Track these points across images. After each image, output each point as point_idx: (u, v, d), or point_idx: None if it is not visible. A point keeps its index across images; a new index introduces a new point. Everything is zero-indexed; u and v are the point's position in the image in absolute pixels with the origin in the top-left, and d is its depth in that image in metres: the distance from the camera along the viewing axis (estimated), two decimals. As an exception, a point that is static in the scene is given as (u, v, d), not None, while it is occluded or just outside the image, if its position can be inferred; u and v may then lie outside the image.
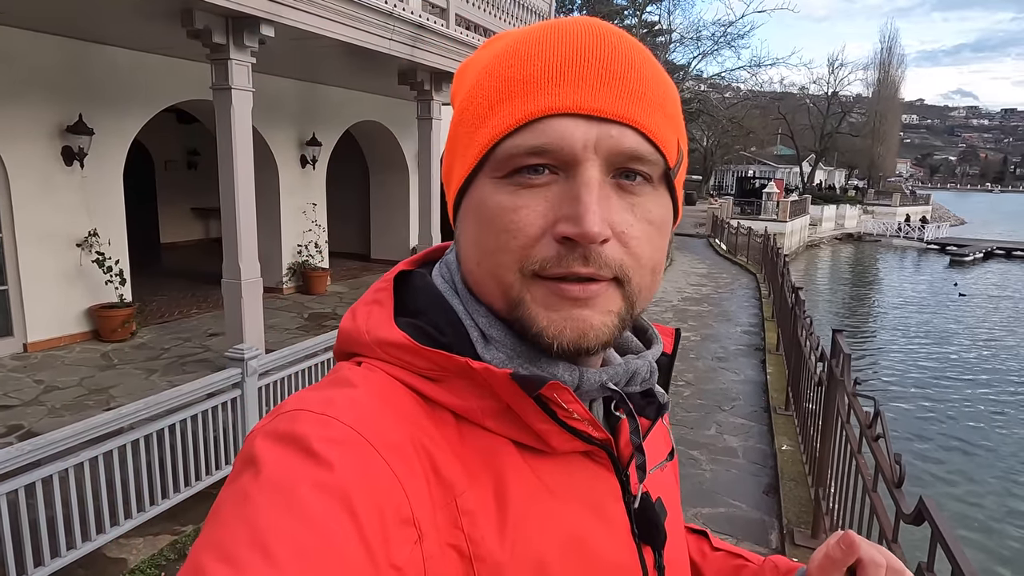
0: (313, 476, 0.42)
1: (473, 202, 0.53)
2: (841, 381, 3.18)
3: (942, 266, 30.34)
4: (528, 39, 0.52)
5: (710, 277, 15.51)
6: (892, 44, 56.21)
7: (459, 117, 0.55)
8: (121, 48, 7.11)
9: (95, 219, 7.03)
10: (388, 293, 0.58)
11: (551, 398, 0.50)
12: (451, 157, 0.56)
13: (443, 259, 0.61)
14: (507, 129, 0.49)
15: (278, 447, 0.44)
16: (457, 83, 0.59)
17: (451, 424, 0.51)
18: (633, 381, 0.57)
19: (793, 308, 6.13)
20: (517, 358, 0.53)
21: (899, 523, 1.96)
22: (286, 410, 0.47)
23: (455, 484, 0.48)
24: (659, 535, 0.59)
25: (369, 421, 0.46)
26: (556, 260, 0.49)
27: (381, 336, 0.53)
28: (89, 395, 5.55)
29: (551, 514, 0.52)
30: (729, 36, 22.41)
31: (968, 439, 9.76)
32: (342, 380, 0.51)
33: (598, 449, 0.55)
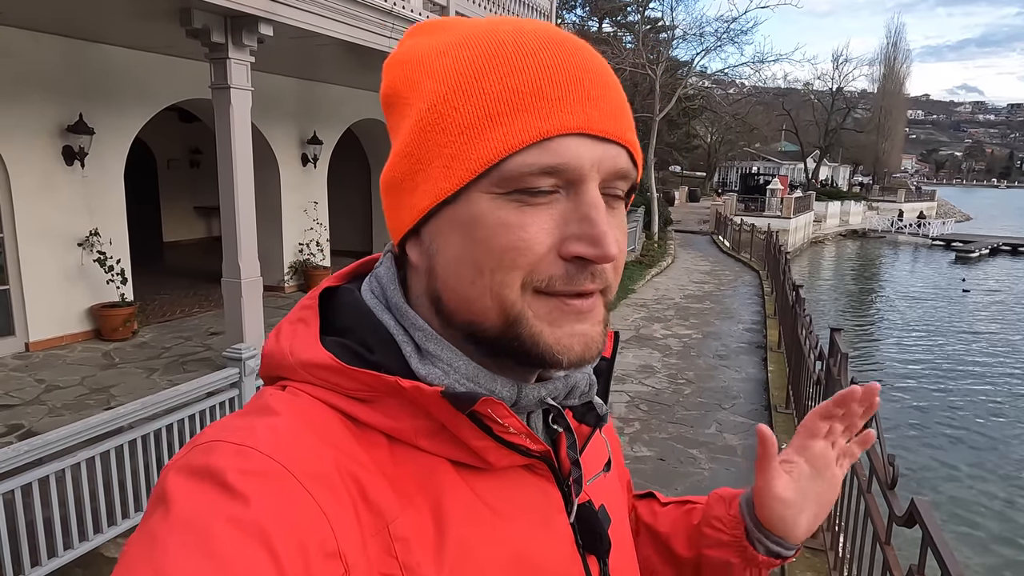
0: (227, 512, 0.40)
1: (464, 218, 0.49)
2: (838, 380, 3.17)
3: (947, 262, 30.20)
4: (517, 44, 0.49)
5: (713, 274, 15.47)
6: (897, 39, 55.97)
7: (433, 121, 0.50)
8: (121, 47, 7.12)
9: (96, 218, 7.05)
10: (313, 311, 0.55)
11: (486, 414, 0.49)
12: (416, 164, 0.51)
13: (373, 273, 0.58)
14: (518, 146, 0.47)
15: (190, 482, 0.42)
16: (399, 76, 0.54)
17: (383, 447, 0.49)
18: (572, 394, 0.56)
19: (794, 306, 6.11)
20: (455, 373, 0.51)
21: (891, 525, 1.95)
22: (202, 441, 0.45)
23: (387, 510, 0.47)
24: (603, 543, 0.59)
25: (291, 450, 0.44)
26: (565, 278, 0.49)
27: (305, 358, 0.51)
28: (90, 394, 5.57)
29: (493, 532, 0.51)
30: (732, 32, 22.31)
31: (974, 436, 9.72)
32: (263, 407, 0.48)
33: (538, 462, 0.54)
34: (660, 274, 14.98)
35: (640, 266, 15.17)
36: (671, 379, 7.14)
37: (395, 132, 0.54)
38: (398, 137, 0.53)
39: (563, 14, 31.62)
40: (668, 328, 9.64)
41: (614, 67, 5.44)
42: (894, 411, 10.65)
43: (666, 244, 19.56)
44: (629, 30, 30.64)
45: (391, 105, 0.55)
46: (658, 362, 7.79)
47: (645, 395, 6.56)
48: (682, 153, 44.14)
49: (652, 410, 6.14)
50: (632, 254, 16.26)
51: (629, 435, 5.51)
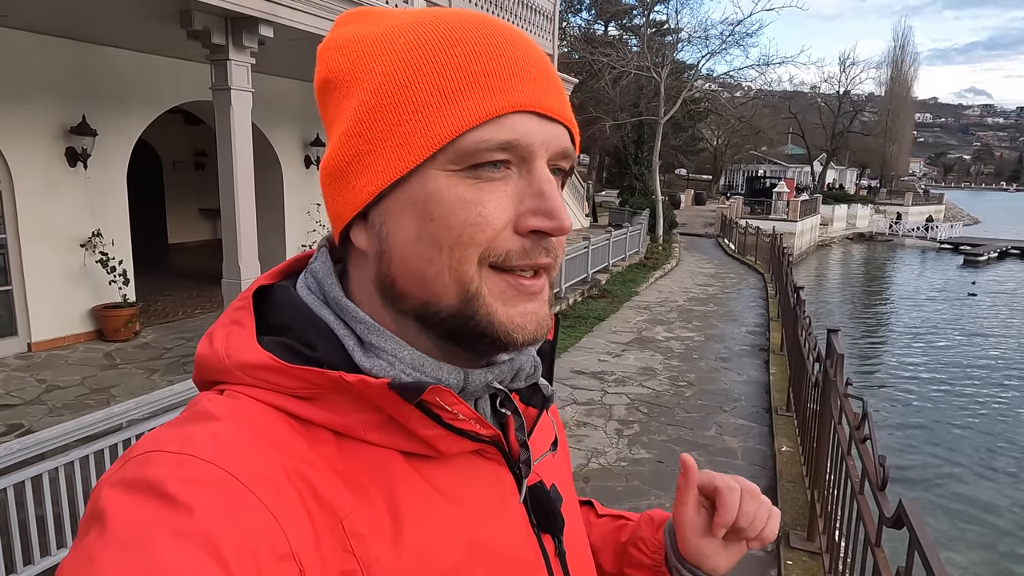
0: (170, 524, 0.38)
1: (418, 196, 0.49)
2: (834, 382, 3.14)
3: (956, 266, 30.01)
4: (464, 28, 0.50)
5: (717, 277, 15.42)
6: (905, 42, 55.80)
7: (381, 101, 0.49)
8: (124, 50, 7.16)
9: (99, 219, 7.08)
10: (247, 311, 0.53)
11: (433, 402, 0.48)
12: (365, 145, 0.50)
13: (308, 269, 0.57)
14: (475, 122, 0.48)
15: (127, 496, 0.40)
16: (340, 61, 0.53)
17: (330, 443, 0.48)
18: (518, 377, 0.57)
19: (794, 308, 6.08)
20: (400, 363, 0.51)
21: (882, 526, 1.93)
22: (136, 454, 0.43)
23: (339, 506, 0.46)
24: (556, 522, 0.60)
25: (234, 454, 0.43)
26: (521, 252, 0.50)
27: (243, 359, 0.49)
28: (90, 394, 5.59)
29: (448, 519, 0.51)
30: (737, 35, 22.25)
31: (979, 437, 9.64)
32: (201, 413, 0.47)
33: (489, 446, 0.54)
34: (664, 276, 14.94)
35: (644, 268, 15.13)
36: (672, 381, 7.11)
37: (334, 118, 0.53)
38: (338, 122, 0.53)
39: (568, 17, 31.66)
40: (670, 330, 9.60)
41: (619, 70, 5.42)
42: (900, 412, 10.58)
43: (671, 247, 19.51)
44: (634, 33, 30.63)
45: (329, 91, 0.54)
46: (659, 364, 7.75)
47: (645, 397, 6.53)
48: (688, 156, 44.08)
49: (652, 412, 6.12)
50: (636, 256, 16.22)
51: (628, 437, 5.49)
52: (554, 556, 0.59)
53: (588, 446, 5.26)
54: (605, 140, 30.08)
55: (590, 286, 11.71)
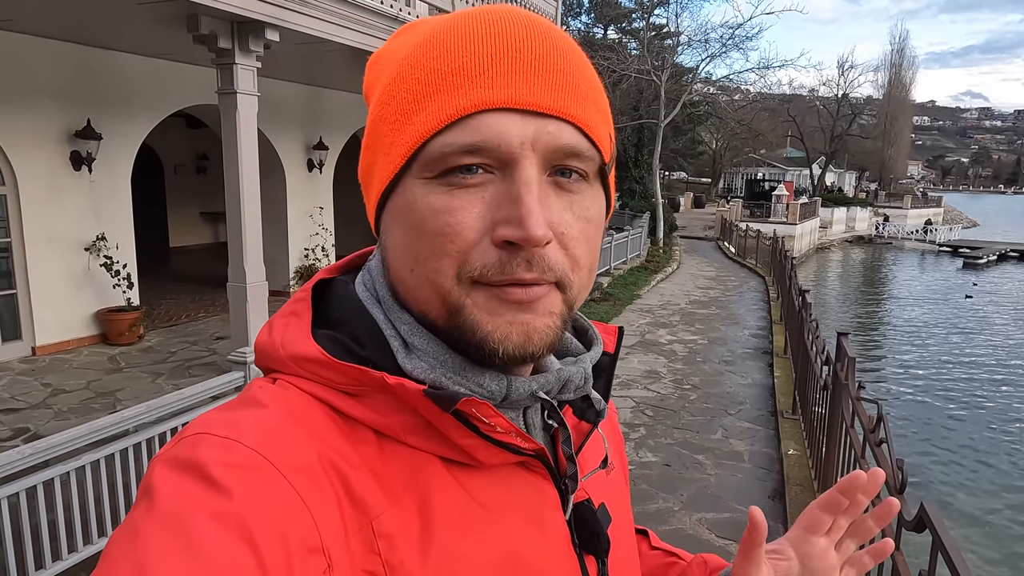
0: (210, 506, 0.39)
1: (400, 205, 0.49)
2: (845, 385, 3.14)
3: (955, 268, 30.04)
4: (453, 28, 0.49)
5: (718, 280, 15.43)
6: (903, 45, 55.89)
7: (379, 113, 0.51)
8: (128, 54, 7.17)
9: (103, 223, 7.08)
10: (306, 304, 0.54)
11: (470, 413, 0.47)
12: (372, 156, 0.52)
13: (366, 265, 0.57)
14: (437, 126, 0.46)
15: (175, 475, 0.41)
16: (371, 75, 0.56)
17: (371, 442, 0.48)
18: (566, 388, 0.54)
19: (800, 311, 6.08)
20: (440, 367, 0.49)
21: (901, 530, 1.93)
22: (188, 434, 0.44)
23: (372, 506, 0.46)
24: (600, 543, 0.57)
25: (276, 443, 0.44)
26: (498, 267, 0.46)
27: (295, 351, 0.50)
28: (95, 398, 5.59)
29: (483, 530, 0.50)
30: (737, 38, 22.31)
31: (984, 440, 9.64)
32: (251, 400, 0.48)
33: (532, 459, 0.53)
34: (665, 280, 14.95)
35: (645, 271, 15.15)
36: (676, 385, 7.11)
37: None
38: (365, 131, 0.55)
39: (568, 20, 31.71)
40: (673, 333, 9.61)
41: (619, 73, 5.39)
42: (903, 416, 10.58)
43: (671, 250, 19.53)
44: (634, 36, 30.70)
45: (367, 103, 0.56)
46: (663, 367, 7.76)
47: (650, 400, 6.53)
48: (687, 159, 44.11)
49: (658, 415, 6.12)
50: (637, 259, 16.23)
51: (635, 440, 5.49)
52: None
53: (595, 449, 5.25)
54: (605, 143, 30.02)
55: (592, 289, 11.72)
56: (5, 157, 6.26)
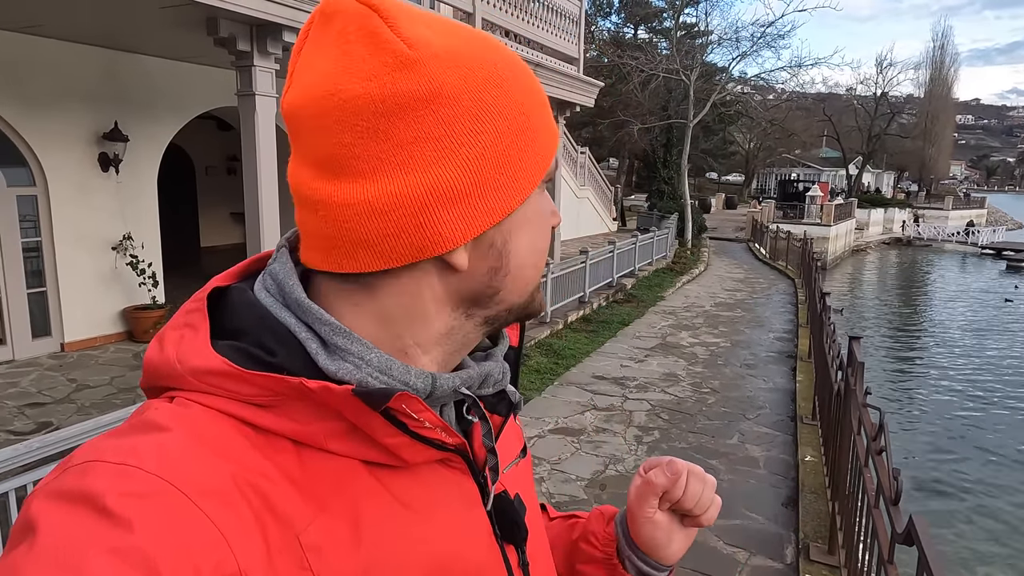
0: (106, 540, 0.36)
1: (531, 212, 0.54)
2: (853, 390, 3.05)
3: (998, 271, 29.07)
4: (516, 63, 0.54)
5: (746, 282, 15.17)
6: (945, 42, 54.38)
7: (518, 125, 0.51)
8: (154, 57, 7.34)
9: (129, 223, 7.25)
10: (202, 314, 0.50)
11: (399, 409, 0.47)
12: (498, 169, 0.49)
13: (267, 270, 0.54)
14: (556, 144, 0.55)
15: (62, 508, 0.38)
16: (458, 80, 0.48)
17: (289, 452, 0.46)
18: (486, 383, 0.56)
19: (821, 314, 5.94)
20: (367, 366, 0.49)
21: (894, 543, 1.85)
22: (75, 463, 0.41)
23: (296, 520, 0.44)
24: (520, 532, 0.59)
25: (181, 466, 0.41)
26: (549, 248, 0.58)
27: (196, 364, 0.47)
28: (118, 394, 5.73)
29: (410, 531, 0.50)
30: (768, 36, 21.92)
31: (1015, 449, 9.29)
32: (148, 422, 0.45)
33: (453, 455, 0.53)
34: (691, 281, 14.75)
35: (671, 273, 14.97)
36: (695, 388, 7.00)
37: (432, 135, 0.47)
38: (450, 142, 0.47)
39: (597, 20, 31.55)
40: (696, 336, 9.47)
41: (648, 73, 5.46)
42: (935, 419, 10.26)
43: (699, 251, 19.26)
44: (664, 36, 30.42)
45: (432, 103, 0.47)
46: (683, 371, 7.64)
47: (667, 404, 6.44)
48: (718, 159, 43.54)
49: (673, 419, 6.03)
50: (663, 261, 16.06)
51: (648, 444, 5.41)
52: (517, 567, 0.59)
53: (606, 452, 5.20)
54: (634, 144, 29.88)
55: (615, 290, 11.61)
56: (36, 159, 6.45)
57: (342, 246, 0.49)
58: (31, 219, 6.57)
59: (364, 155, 0.47)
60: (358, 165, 0.47)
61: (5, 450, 2.87)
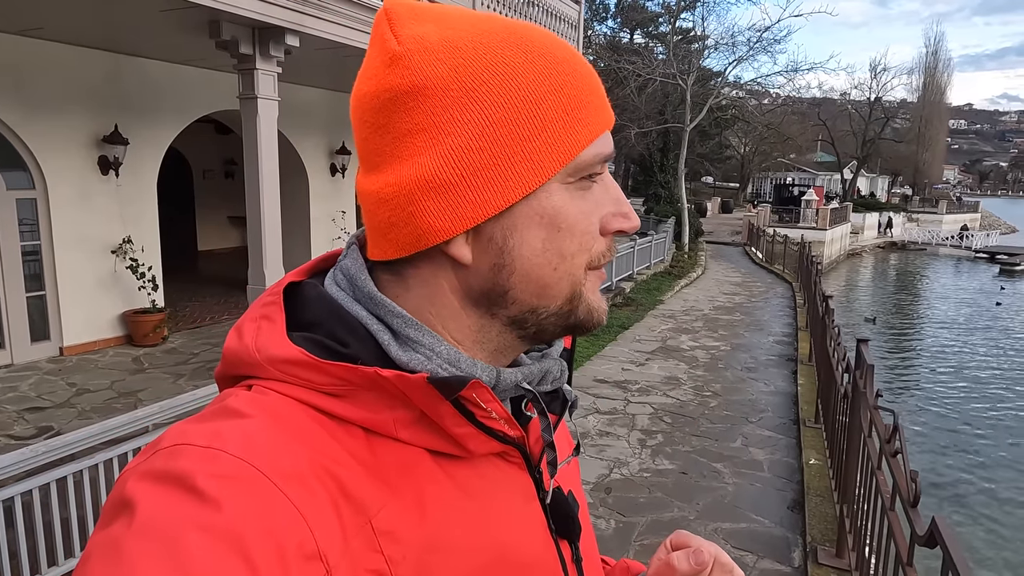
0: (198, 518, 0.38)
1: (545, 209, 0.51)
2: (863, 393, 3.05)
3: (991, 276, 29.22)
4: (551, 42, 0.53)
5: (744, 286, 15.20)
6: (937, 48, 54.77)
7: (508, 116, 0.49)
8: (155, 60, 7.32)
9: (129, 226, 7.22)
10: (278, 307, 0.53)
11: (469, 398, 0.48)
12: (491, 159, 0.49)
13: (337, 266, 0.57)
14: (592, 138, 0.52)
15: (156, 488, 0.40)
16: (448, 71, 0.49)
17: (360, 440, 0.48)
18: (545, 380, 0.57)
19: (823, 317, 5.95)
20: (437, 358, 0.51)
21: (914, 545, 1.85)
22: (164, 446, 0.43)
23: (370, 504, 0.45)
24: (575, 528, 0.60)
25: (263, 451, 0.43)
26: (607, 252, 0.55)
27: (274, 353, 0.49)
28: (118, 398, 5.68)
29: (472, 520, 0.51)
30: (764, 41, 22.03)
31: (1014, 452, 9.32)
32: (228, 410, 0.47)
33: (512, 449, 0.54)
34: (689, 285, 14.77)
35: (669, 277, 14.99)
36: (697, 391, 7.00)
37: (425, 127, 0.49)
38: (432, 132, 0.49)
39: (594, 25, 31.63)
40: (696, 340, 9.47)
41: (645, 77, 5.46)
42: (931, 424, 10.29)
43: (696, 255, 19.31)
44: (660, 40, 30.52)
45: (421, 98, 0.49)
46: (684, 374, 7.64)
47: (669, 407, 6.43)
48: (714, 164, 43.68)
49: (676, 422, 6.02)
50: (661, 264, 16.08)
51: (651, 447, 5.40)
52: (571, 562, 0.60)
53: (610, 456, 5.19)
54: (630, 148, 29.90)
55: (614, 294, 11.63)
56: (36, 162, 6.42)
57: (372, 235, 0.54)
58: (30, 222, 6.54)
59: (375, 148, 0.51)
60: (373, 158, 0.52)
61: (9, 455, 2.85)
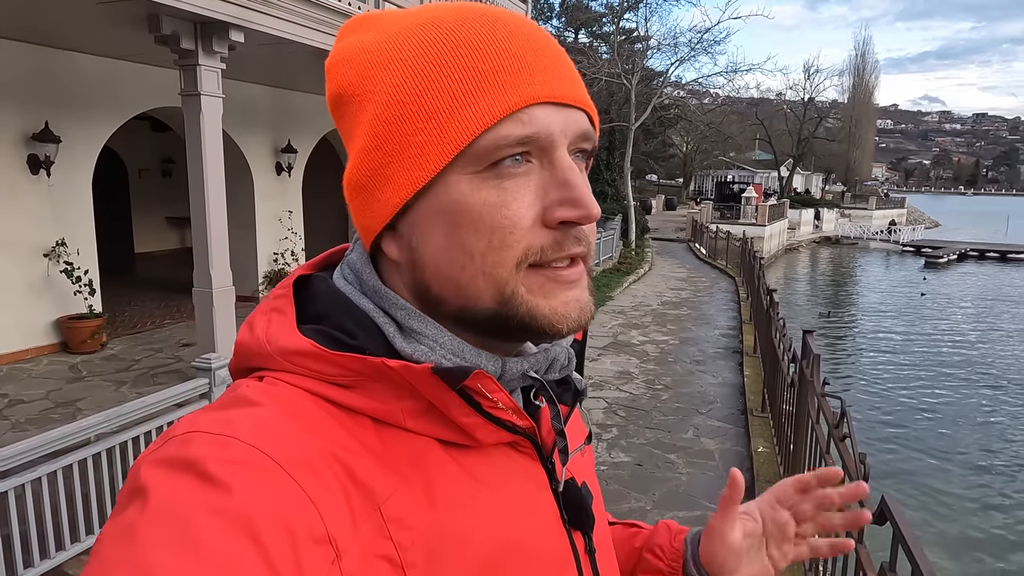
0: (209, 502, 0.39)
1: (445, 204, 0.49)
2: (811, 382, 3.19)
3: (917, 268, 30.79)
4: (469, 27, 0.50)
5: (689, 281, 15.60)
6: (865, 50, 57.27)
7: (396, 112, 0.49)
8: (89, 55, 7.00)
9: (63, 228, 6.90)
10: (288, 300, 0.54)
11: (475, 389, 0.49)
12: (384, 157, 0.50)
13: (345, 260, 0.58)
14: (492, 121, 0.47)
15: (169, 474, 0.41)
16: (354, 75, 0.52)
17: (370, 429, 0.49)
18: (552, 368, 0.56)
19: (768, 310, 6.17)
20: (440, 349, 0.51)
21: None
22: (177, 433, 0.44)
23: (378, 491, 0.46)
24: (588, 519, 0.60)
25: (273, 438, 0.43)
26: (555, 246, 0.50)
27: (284, 345, 0.50)
28: (55, 408, 5.43)
29: (482, 507, 0.51)
30: (706, 42, 22.60)
31: (936, 431, 9.88)
32: (241, 398, 0.48)
33: (522, 439, 0.54)
34: (637, 281, 15.06)
35: (618, 273, 15.24)
36: (648, 385, 7.15)
37: (351, 132, 0.53)
38: (356, 136, 0.52)
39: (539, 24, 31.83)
40: (645, 334, 9.67)
41: (590, 76, 5.52)
42: (864, 409, 10.79)
43: (643, 252, 19.68)
44: (604, 40, 30.92)
45: (342, 106, 0.54)
46: (636, 368, 7.80)
47: (623, 401, 6.56)
48: (658, 162, 44.56)
49: (630, 416, 6.15)
50: (610, 261, 16.33)
51: (607, 441, 5.50)
52: (584, 553, 0.59)
53: (567, 451, 5.25)
54: (577, 146, 30.16)
55: (565, 291, 11.76)
56: (-42, 161, 6.07)
57: None
58: (-47, 225, 6.17)
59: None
60: None
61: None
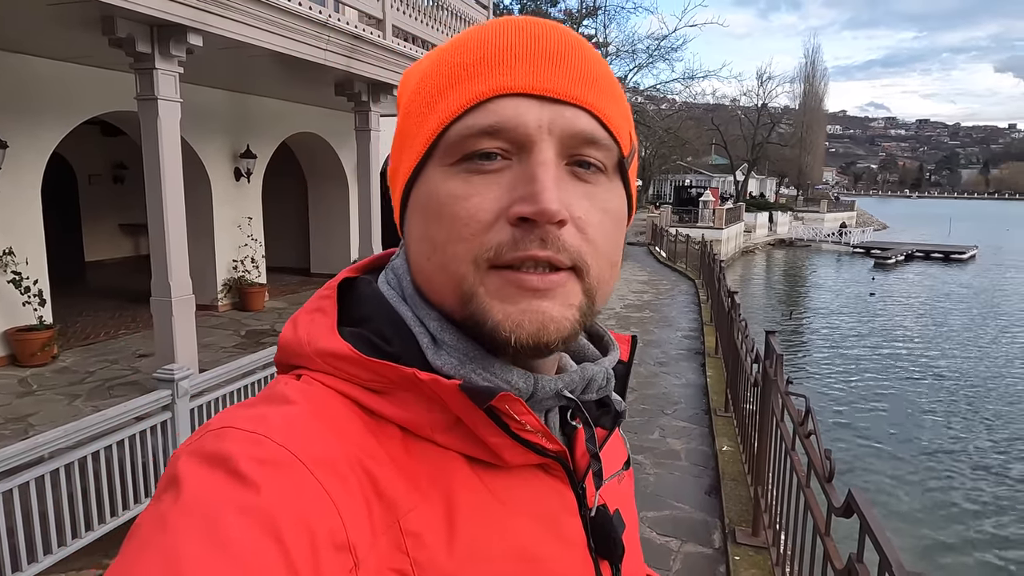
0: (238, 500, 0.39)
1: (422, 194, 0.51)
2: (774, 381, 3.28)
3: (867, 268, 31.86)
4: (478, 30, 0.52)
5: (651, 284, 15.81)
6: (815, 58, 59.04)
7: (405, 112, 0.53)
8: (38, 57, 6.76)
9: (10, 237, 6.63)
10: (332, 301, 0.54)
11: (502, 409, 0.47)
12: (398, 155, 0.55)
13: (389, 265, 0.58)
14: (457, 111, 0.47)
15: (202, 468, 0.41)
16: (403, 86, 0.57)
17: (397, 439, 0.48)
18: (589, 388, 0.55)
19: (729, 312, 6.30)
20: (470, 363, 0.50)
21: (831, 516, 2.02)
22: (213, 428, 0.45)
23: (399, 504, 0.45)
24: (616, 549, 0.57)
25: (303, 439, 0.43)
26: (512, 244, 0.47)
27: (322, 347, 0.50)
28: (5, 424, 5.21)
29: (504, 530, 0.49)
30: (663, 49, 23.08)
31: (891, 426, 10.23)
32: (277, 396, 0.48)
33: (553, 462, 0.53)
34: (600, 285, 15.19)
35: (581, 277, 15.35)
36: (614, 387, 7.22)
37: None
38: None
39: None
40: (610, 337, 9.76)
41: None
42: (817, 405, 11.10)
43: (605, 255, 19.86)
44: (564, 47, 31.23)
45: (399, 111, 0.57)
46: (601, 371, 7.87)
47: (589, 404, 6.61)
48: (618, 167, 45.03)
49: (597, 418, 6.20)
50: (572, 266, 16.44)
51: (575, 444, 5.54)
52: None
53: (536, 454, 5.28)
54: (538, 151, 30.38)
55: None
56: None
57: None
58: None
59: None
60: None
61: None
